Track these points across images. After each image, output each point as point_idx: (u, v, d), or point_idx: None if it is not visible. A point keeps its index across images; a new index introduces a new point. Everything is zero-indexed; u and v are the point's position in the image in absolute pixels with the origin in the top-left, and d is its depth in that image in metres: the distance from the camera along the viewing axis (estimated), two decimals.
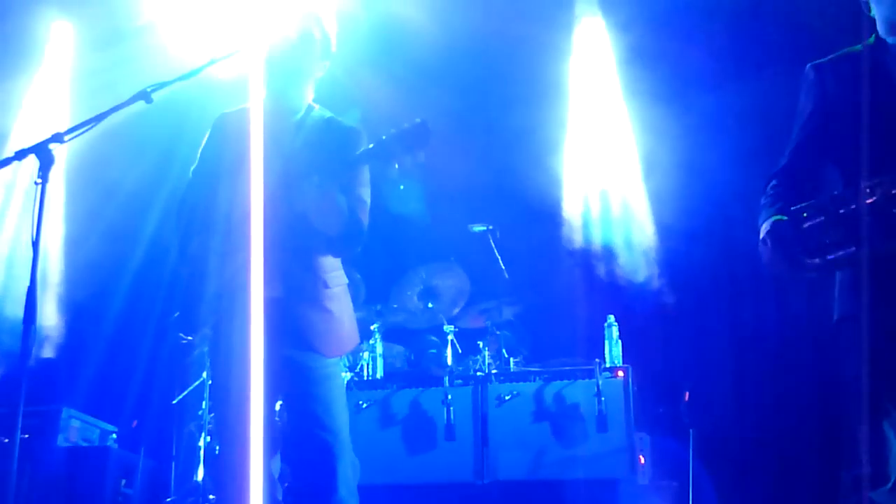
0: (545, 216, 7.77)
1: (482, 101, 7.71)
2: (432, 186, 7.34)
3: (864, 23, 3.06)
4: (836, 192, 2.78)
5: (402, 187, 6.42)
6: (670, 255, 7.27)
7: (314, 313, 3.26)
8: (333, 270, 3.35)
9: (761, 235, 2.88)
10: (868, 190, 2.68)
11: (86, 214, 7.59)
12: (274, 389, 3.29)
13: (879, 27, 3.00)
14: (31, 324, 2.83)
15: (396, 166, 3.02)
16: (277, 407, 3.81)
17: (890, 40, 2.96)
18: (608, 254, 7.65)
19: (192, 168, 3.54)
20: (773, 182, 2.99)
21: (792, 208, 2.81)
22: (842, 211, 2.70)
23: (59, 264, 7.32)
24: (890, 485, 2.72)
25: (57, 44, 8.09)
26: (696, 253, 7.13)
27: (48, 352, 6.73)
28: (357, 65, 6.81)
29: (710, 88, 6.91)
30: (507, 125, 7.66)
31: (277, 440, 3.37)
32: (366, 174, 3.34)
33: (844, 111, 2.92)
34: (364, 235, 3.31)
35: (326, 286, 3.30)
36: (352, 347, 3.43)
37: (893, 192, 2.65)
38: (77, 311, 7.37)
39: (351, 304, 3.48)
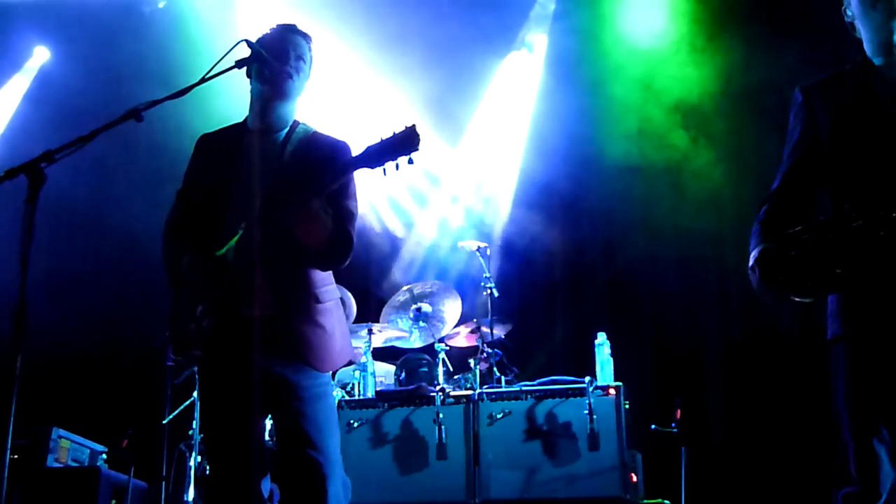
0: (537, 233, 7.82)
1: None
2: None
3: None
4: (822, 218, 2.79)
5: None
6: (661, 273, 7.30)
7: (306, 329, 3.23)
8: (325, 285, 3.33)
9: (750, 263, 2.89)
10: (854, 213, 2.69)
11: (78, 232, 7.60)
12: (265, 408, 3.28)
13: (866, 47, 2.99)
14: (20, 343, 2.82)
15: (385, 172, 3.01)
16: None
17: (877, 61, 2.97)
18: (600, 271, 7.69)
19: (177, 191, 3.54)
20: (765, 207, 2.98)
21: (779, 235, 2.82)
22: (829, 236, 2.71)
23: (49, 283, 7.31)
24: (881, 503, 2.74)
25: (33, 64, 8.48)
26: (688, 271, 7.17)
27: (38, 371, 6.69)
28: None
29: None
30: None
31: (266, 460, 3.35)
32: (353, 185, 3.33)
33: (832, 134, 2.93)
34: (352, 247, 3.27)
35: (318, 301, 3.28)
36: (345, 363, 3.40)
37: (880, 213, 2.66)
38: (67, 330, 7.36)
39: (344, 319, 3.46)
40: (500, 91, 8.51)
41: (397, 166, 2.99)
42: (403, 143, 2.96)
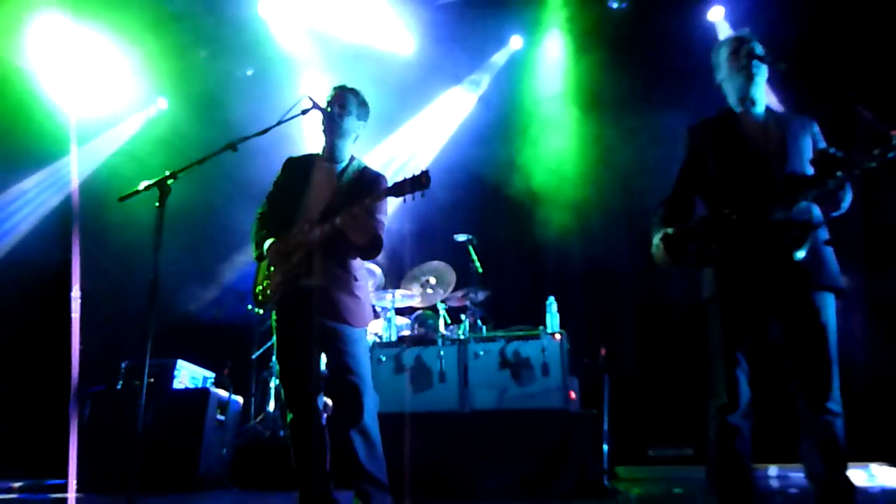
0: (508, 226, 7.79)
1: None
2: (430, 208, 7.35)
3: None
4: (704, 215, 2.84)
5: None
6: (593, 259, 7.29)
7: (347, 298, 3.26)
8: (360, 269, 3.37)
9: (654, 243, 2.90)
10: (726, 212, 2.73)
11: (195, 229, 7.58)
12: (320, 348, 3.30)
13: (730, 101, 3.04)
14: (154, 301, 2.84)
15: (405, 200, 3.06)
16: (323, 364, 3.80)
17: (737, 110, 3.00)
18: (550, 257, 7.67)
19: (267, 194, 3.56)
20: (661, 210, 3.01)
21: (676, 225, 2.86)
22: (707, 227, 2.75)
23: (174, 265, 7.31)
24: (740, 410, 2.76)
25: (150, 113, 8.40)
26: (611, 256, 7.17)
27: (168, 321, 6.70)
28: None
29: None
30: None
31: (321, 383, 3.37)
32: (385, 204, 3.36)
33: (710, 159, 2.95)
34: (382, 245, 3.32)
35: (355, 279, 3.31)
36: (371, 320, 3.44)
37: (743, 213, 2.69)
38: (189, 295, 7.38)
39: (370, 291, 3.50)
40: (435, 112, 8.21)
41: (414, 197, 3.06)
42: (419, 183, 3.04)
